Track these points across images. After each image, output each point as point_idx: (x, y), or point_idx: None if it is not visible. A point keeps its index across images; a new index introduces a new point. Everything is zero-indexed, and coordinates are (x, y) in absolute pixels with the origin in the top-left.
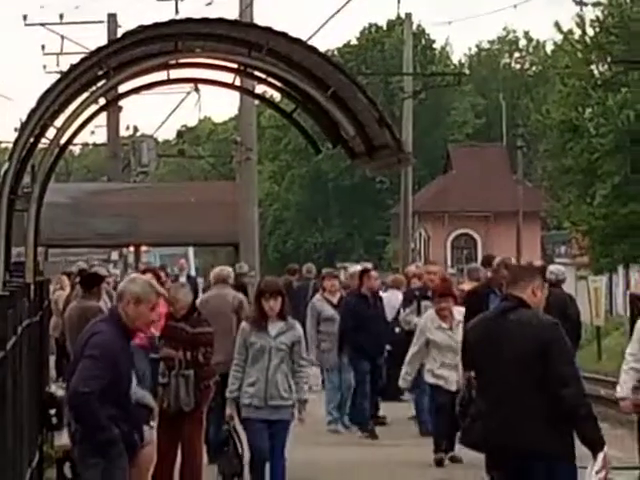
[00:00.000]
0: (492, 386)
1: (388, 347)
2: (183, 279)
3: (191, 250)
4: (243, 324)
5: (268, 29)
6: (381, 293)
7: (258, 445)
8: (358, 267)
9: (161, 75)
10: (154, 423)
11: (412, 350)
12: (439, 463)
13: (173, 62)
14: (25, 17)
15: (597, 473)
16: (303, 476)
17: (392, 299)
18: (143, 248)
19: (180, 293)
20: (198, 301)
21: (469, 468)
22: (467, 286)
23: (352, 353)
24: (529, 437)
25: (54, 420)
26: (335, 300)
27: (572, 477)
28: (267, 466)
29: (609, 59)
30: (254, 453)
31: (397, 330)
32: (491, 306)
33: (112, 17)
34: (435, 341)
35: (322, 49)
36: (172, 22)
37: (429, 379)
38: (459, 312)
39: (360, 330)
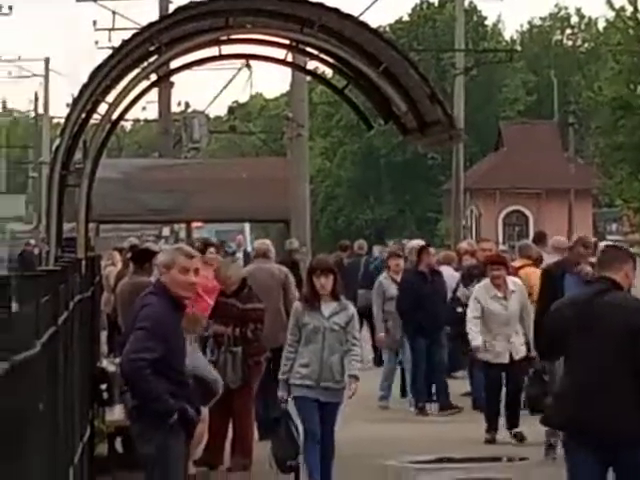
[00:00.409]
0: (583, 368)
1: (447, 328)
2: (240, 255)
3: (247, 226)
4: (296, 303)
5: (320, 5)
6: None
7: (310, 426)
8: (415, 242)
9: (212, 51)
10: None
11: (472, 314)
12: (491, 442)
13: (224, 38)
14: None
15: None
16: (353, 451)
17: (444, 275)
18: (196, 224)
19: (230, 269)
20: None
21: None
22: (518, 263)
23: (410, 331)
24: (618, 422)
25: (105, 395)
26: (399, 279)
27: None
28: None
29: None
30: (307, 433)
31: (459, 310)
32: (566, 286)
33: None
34: (490, 310)
35: (374, 25)
36: None
37: (482, 355)
38: (513, 282)
39: (418, 308)
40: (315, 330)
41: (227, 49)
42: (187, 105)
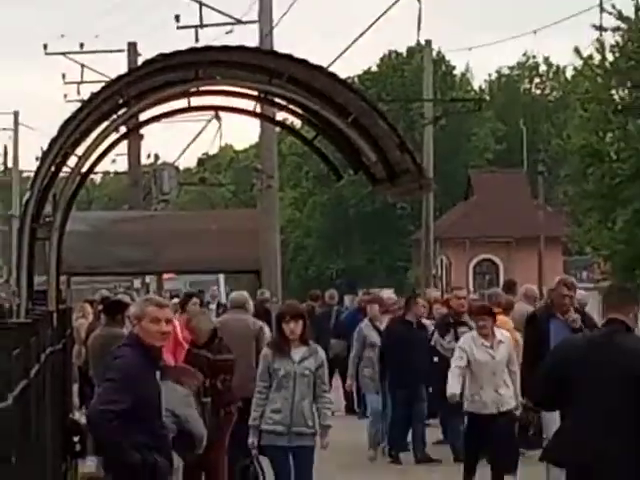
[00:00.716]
0: (590, 407)
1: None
2: (213, 306)
3: (222, 277)
4: (265, 350)
5: (288, 56)
6: None
7: (282, 476)
8: (387, 292)
9: (182, 103)
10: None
11: (455, 363)
12: None
13: (194, 90)
14: (45, 46)
15: None
16: None
17: None
18: (168, 276)
19: (201, 321)
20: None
21: None
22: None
23: (394, 381)
24: (620, 463)
25: (78, 447)
26: (382, 326)
27: None
28: None
29: (629, 84)
30: None
31: (435, 359)
32: (552, 331)
33: (132, 46)
34: (477, 359)
35: (343, 76)
36: (192, 50)
37: (467, 407)
38: (501, 333)
39: (403, 358)
40: (286, 376)
41: (196, 101)
42: (157, 157)
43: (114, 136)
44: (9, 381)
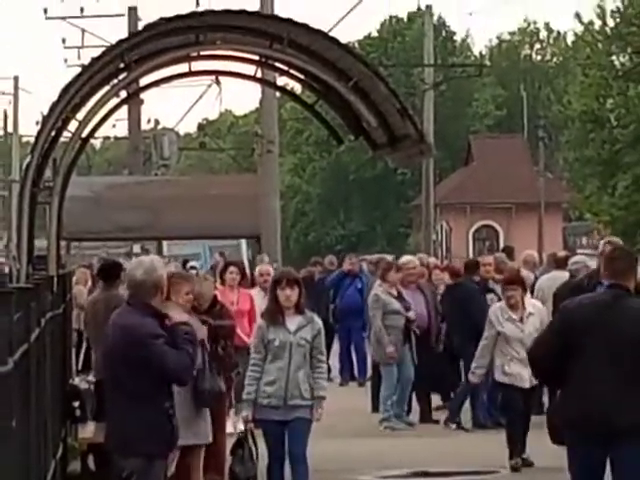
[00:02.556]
0: (598, 367)
1: None
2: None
3: (244, 242)
4: (259, 321)
5: (289, 20)
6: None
7: (276, 451)
8: (410, 257)
9: (182, 68)
10: None
11: (483, 343)
12: (517, 469)
13: (194, 54)
14: (46, 11)
15: None
16: (326, 467)
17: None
18: (166, 242)
19: (204, 286)
20: None
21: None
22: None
23: (458, 341)
24: (631, 417)
25: (78, 412)
26: (395, 292)
27: None
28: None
29: (630, 50)
30: (271, 458)
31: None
32: None
33: (132, 10)
34: (505, 333)
35: (343, 41)
36: (193, 14)
37: (500, 377)
38: (532, 304)
39: (471, 322)
40: (282, 346)
41: (197, 65)
42: (157, 122)
43: (114, 101)
44: (10, 345)
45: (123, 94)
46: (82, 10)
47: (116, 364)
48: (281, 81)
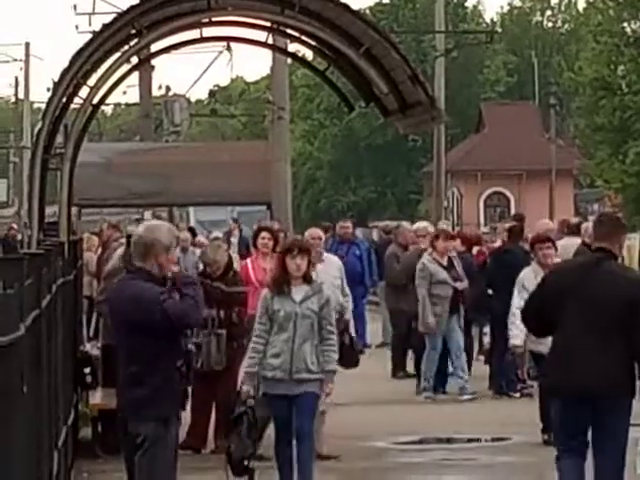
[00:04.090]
0: (578, 331)
1: None
2: (234, 239)
3: None
4: (264, 291)
5: None
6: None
7: (281, 426)
8: (424, 223)
9: (193, 34)
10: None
11: (517, 304)
12: (548, 443)
13: (205, 21)
14: None
15: None
16: (341, 433)
17: None
18: (192, 208)
19: (218, 253)
20: None
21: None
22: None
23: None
24: (608, 380)
25: (89, 379)
26: (445, 261)
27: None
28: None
29: None
30: (278, 436)
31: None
32: None
33: None
34: None
35: (354, 7)
36: None
37: (532, 346)
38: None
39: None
40: (287, 317)
41: (208, 32)
42: (168, 89)
43: (125, 67)
44: (21, 311)
45: (134, 60)
46: None
47: (123, 331)
48: (292, 47)
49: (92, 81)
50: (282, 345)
